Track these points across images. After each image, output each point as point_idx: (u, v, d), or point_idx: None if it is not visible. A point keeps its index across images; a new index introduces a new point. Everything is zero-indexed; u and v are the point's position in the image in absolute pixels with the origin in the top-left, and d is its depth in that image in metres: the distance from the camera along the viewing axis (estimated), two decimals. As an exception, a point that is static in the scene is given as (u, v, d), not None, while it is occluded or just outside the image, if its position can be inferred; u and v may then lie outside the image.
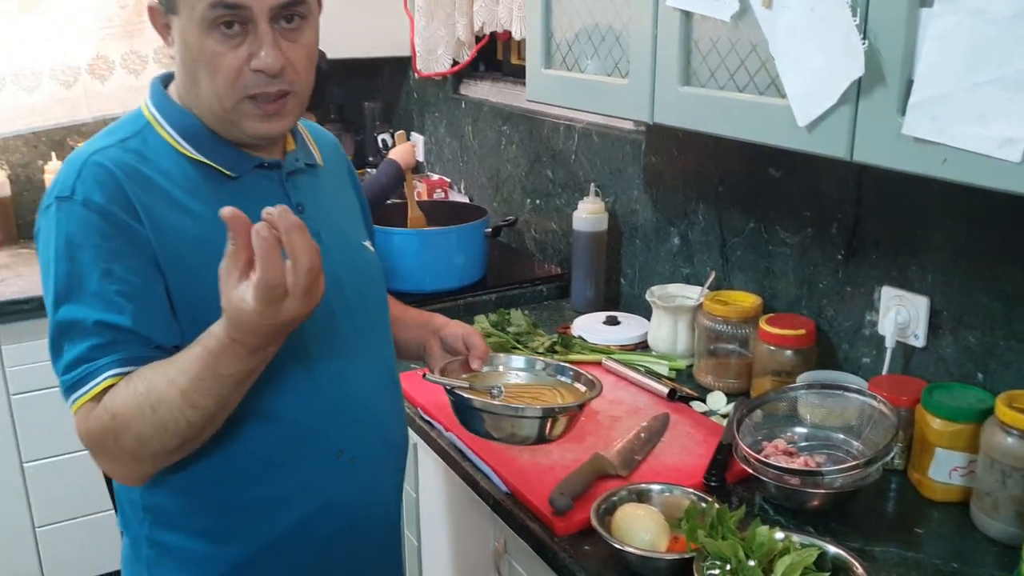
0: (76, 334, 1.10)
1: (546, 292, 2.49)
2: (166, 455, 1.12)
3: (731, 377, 1.86)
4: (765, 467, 1.41)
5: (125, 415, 1.07)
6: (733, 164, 1.96)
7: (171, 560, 1.25)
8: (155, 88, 1.25)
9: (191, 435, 1.09)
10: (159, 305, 1.14)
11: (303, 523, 1.26)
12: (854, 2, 1.18)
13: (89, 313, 1.09)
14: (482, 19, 2.66)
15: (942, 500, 1.45)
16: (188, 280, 1.14)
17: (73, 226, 1.11)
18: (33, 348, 2.58)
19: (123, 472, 1.15)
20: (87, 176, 1.13)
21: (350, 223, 1.42)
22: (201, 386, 1.05)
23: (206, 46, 1.13)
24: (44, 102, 2.98)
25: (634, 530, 1.28)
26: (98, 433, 1.09)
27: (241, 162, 1.23)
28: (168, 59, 3.08)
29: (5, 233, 3.06)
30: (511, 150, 2.82)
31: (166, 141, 1.20)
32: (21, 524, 2.70)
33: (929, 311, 1.59)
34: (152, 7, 1.18)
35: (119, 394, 1.08)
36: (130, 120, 1.23)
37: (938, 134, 1.10)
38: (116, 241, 1.11)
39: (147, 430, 1.07)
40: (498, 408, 1.36)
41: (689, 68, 1.50)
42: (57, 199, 1.13)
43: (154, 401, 1.06)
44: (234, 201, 1.15)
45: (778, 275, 1.89)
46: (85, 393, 1.09)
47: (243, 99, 1.16)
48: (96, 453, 1.13)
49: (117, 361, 1.09)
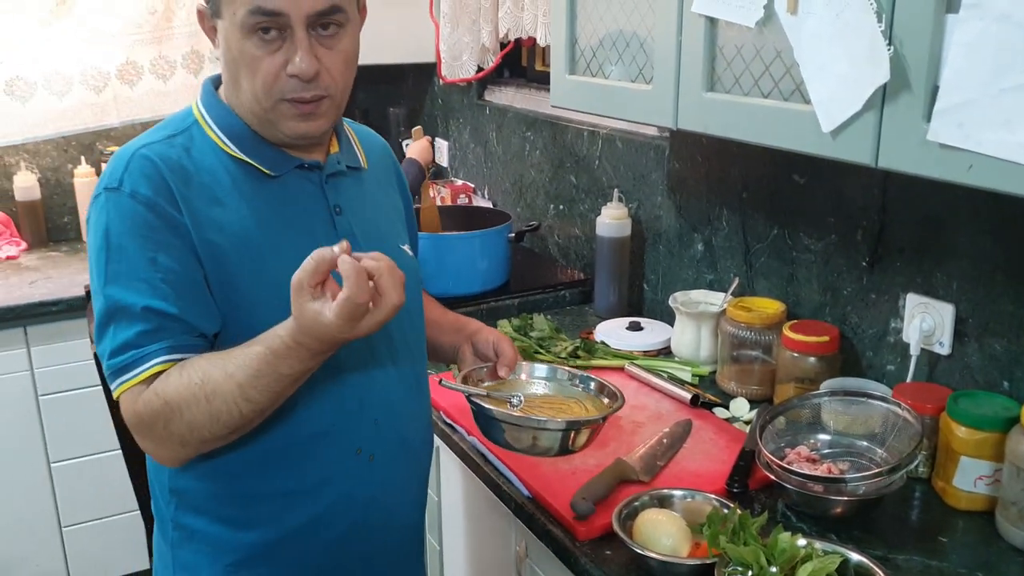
0: (124, 319, 1.14)
1: (569, 297, 2.49)
2: (213, 442, 1.17)
3: (754, 384, 1.85)
4: (788, 473, 1.40)
5: (178, 402, 1.11)
6: (757, 170, 1.96)
7: (193, 542, 1.30)
8: (206, 88, 1.30)
9: (240, 425, 1.14)
10: (201, 294, 1.18)
11: (321, 515, 1.29)
12: (879, 8, 1.17)
13: (137, 299, 1.14)
14: (507, 26, 2.67)
15: (967, 509, 1.44)
16: (224, 273, 1.19)
17: (120, 215, 1.16)
18: (62, 349, 2.62)
19: (166, 454, 1.20)
20: (134, 169, 1.18)
21: (390, 225, 1.43)
22: (259, 383, 1.10)
23: (245, 49, 1.17)
24: (74, 107, 3.02)
25: (656, 535, 1.28)
26: (148, 417, 1.14)
27: (282, 162, 1.27)
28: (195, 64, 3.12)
29: (35, 236, 3.10)
30: (535, 156, 2.82)
31: (211, 139, 1.25)
32: (48, 523, 2.74)
33: (954, 318, 1.58)
34: (201, 10, 1.24)
35: (172, 381, 1.12)
36: (180, 118, 1.29)
37: (964, 140, 1.10)
38: (160, 231, 1.16)
39: (200, 418, 1.12)
40: (518, 419, 1.35)
41: (713, 74, 1.50)
42: (106, 190, 1.18)
43: (209, 392, 1.11)
44: (273, 199, 1.24)
45: (802, 282, 1.89)
46: (133, 377, 1.14)
47: (280, 101, 1.20)
48: (142, 434, 1.17)
49: (165, 348, 1.14)
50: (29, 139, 3.02)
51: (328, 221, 1.30)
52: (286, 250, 1.20)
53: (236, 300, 1.20)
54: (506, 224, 2.50)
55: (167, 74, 3.13)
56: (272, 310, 1.15)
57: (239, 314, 1.20)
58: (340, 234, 1.28)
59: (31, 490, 2.69)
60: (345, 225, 1.31)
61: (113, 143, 3.19)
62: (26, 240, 3.08)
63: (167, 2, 3.04)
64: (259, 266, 1.21)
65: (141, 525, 1.99)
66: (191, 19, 3.09)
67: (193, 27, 3.10)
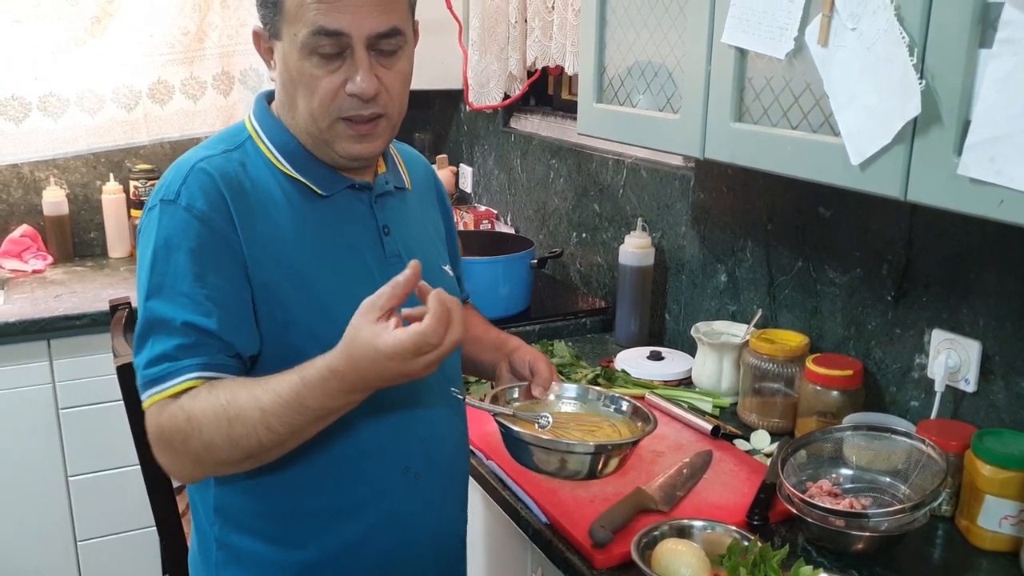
0: (163, 331, 1.15)
1: (589, 325, 2.49)
2: (228, 466, 1.17)
3: (776, 416, 1.84)
4: (809, 507, 1.39)
5: (200, 420, 1.11)
6: (782, 202, 1.96)
7: (239, 563, 1.29)
8: (259, 104, 1.32)
9: (257, 453, 1.13)
10: (245, 314, 1.19)
11: (366, 534, 1.29)
12: (912, 42, 1.17)
13: (178, 313, 1.14)
14: (535, 54, 2.69)
15: (991, 549, 1.42)
16: (272, 291, 1.20)
17: (174, 228, 1.17)
18: (84, 363, 2.63)
19: (180, 471, 1.20)
20: (192, 182, 1.18)
21: (432, 246, 1.44)
22: (282, 411, 1.09)
23: (305, 69, 1.19)
24: (106, 124, 3.06)
25: (675, 565, 1.27)
26: (169, 430, 1.13)
27: (333, 182, 1.28)
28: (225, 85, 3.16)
29: (61, 250, 3.13)
30: (559, 183, 2.83)
31: (265, 156, 1.26)
32: (63, 537, 2.74)
33: (980, 355, 1.56)
34: (257, 32, 1.25)
35: (200, 399, 1.12)
36: (234, 132, 1.30)
37: (995, 175, 1.09)
38: (212, 247, 1.17)
39: (218, 440, 1.11)
40: (546, 442, 1.33)
41: (742, 104, 1.50)
42: (162, 201, 1.19)
43: (232, 415, 1.10)
44: (324, 219, 1.26)
45: (826, 315, 1.88)
46: (164, 390, 1.14)
47: (337, 120, 1.22)
48: (160, 448, 1.17)
49: (199, 365, 1.14)
50: (59, 155, 3.05)
51: (376, 242, 1.31)
52: (335, 270, 1.23)
53: (281, 319, 1.20)
54: (529, 250, 2.50)
55: (197, 94, 3.16)
56: (317, 330, 1.18)
57: (283, 334, 1.20)
58: (388, 255, 1.31)
59: (48, 503, 2.70)
60: (392, 246, 1.32)
61: (142, 160, 3.23)
62: (52, 254, 3.11)
63: (200, 23, 3.08)
64: (307, 286, 1.22)
65: (156, 541, 1.99)
66: (222, 40, 3.13)
67: (224, 48, 3.14)
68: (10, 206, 3.12)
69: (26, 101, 2.94)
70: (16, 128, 2.94)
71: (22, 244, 3.05)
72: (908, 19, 1.18)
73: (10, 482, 2.63)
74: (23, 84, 2.93)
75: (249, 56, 3.18)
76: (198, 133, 3.21)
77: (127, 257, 3.22)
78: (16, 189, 3.12)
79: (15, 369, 2.58)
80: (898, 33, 1.19)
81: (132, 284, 2.85)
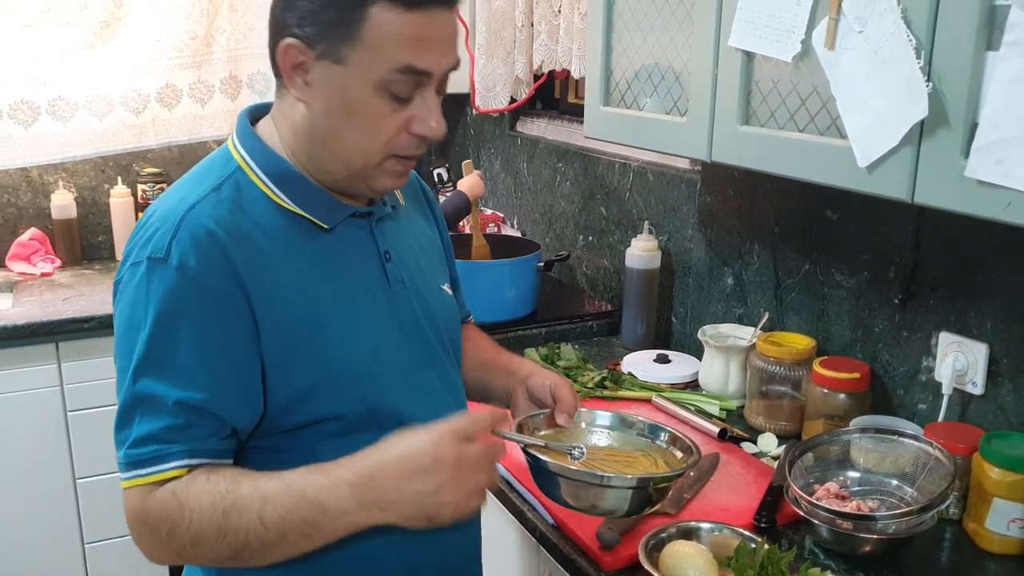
0: (151, 410, 1.05)
1: (596, 328, 2.49)
2: (210, 562, 1.09)
3: (783, 419, 1.84)
4: (817, 510, 1.39)
5: (193, 508, 1.03)
6: (789, 205, 1.96)
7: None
8: (242, 126, 1.19)
9: (241, 552, 1.05)
10: (244, 383, 1.09)
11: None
12: (919, 44, 1.18)
13: (170, 391, 1.04)
14: (541, 58, 2.70)
15: (999, 552, 1.41)
16: (282, 341, 1.10)
17: (166, 292, 1.05)
18: (92, 366, 2.64)
19: (157, 557, 1.09)
20: (183, 238, 1.06)
21: (430, 265, 1.35)
22: (281, 500, 1.02)
23: (371, 105, 1.09)
24: (114, 128, 3.08)
25: (683, 567, 1.27)
26: (155, 517, 1.04)
27: (336, 212, 1.18)
28: (233, 89, 3.16)
29: (70, 254, 3.14)
30: (565, 187, 2.84)
31: (259, 188, 1.15)
32: (71, 539, 2.75)
33: (988, 358, 1.56)
34: (293, 46, 1.08)
35: (196, 485, 1.04)
36: (219, 162, 1.17)
37: (1003, 177, 1.10)
38: (209, 312, 1.06)
39: (209, 532, 1.03)
40: (584, 475, 1.22)
41: (749, 107, 1.50)
42: (149, 259, 1.06)
43: (229, 504, 1.03)
44: (327, 254, 1.16)
45: (832, 318, 1.88)
46: (150, 475, 1.04)
47: (389, 157, 1.13)
48: (142, 532, 1.07)
49: (188, 452, 1.05)
50: (68, 158, 3.07)
51: (379, 270, 1.22)
52: (346, 306, 1.16)
53: (292, 367, 1.11)
54: (535, 253, 2.51)
55: (205, 98, 3.18)
56: (327, 377, 1.12)
57: (294, 381, 1.11)
58: (392, 282, 1.23)
59: (56, 505, 2.71)
60: (395, 272, 1.24)
61: (150, 164, 3.24)
62: (61, 258, 3.12)
63: (208, 28, 3.10)
64: (320, 328, 1.13)
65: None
66: (230, 45, 3.15)
67: (232, 53, 3.16)
68: (19, 209, 3.14)
69: (35, 105, 2.96)
70: (25, 131, 2.96)
71: (31, 247, 3.06)
72: (915, 21, 1.18)
73: (18, 484, 2.65)
74: (32, 88, 2.95)
75: (257, 60, 3.20)
76: (205, 137, 3.23)
77: (135, 260, 3.23)
78: (25, 192, 3.13)
79: (24, 372, 2.60)
80: (905, 36, 1.19)
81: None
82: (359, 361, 1.16)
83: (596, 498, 1.24)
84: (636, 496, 1.23)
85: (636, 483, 1.23)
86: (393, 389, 1.18)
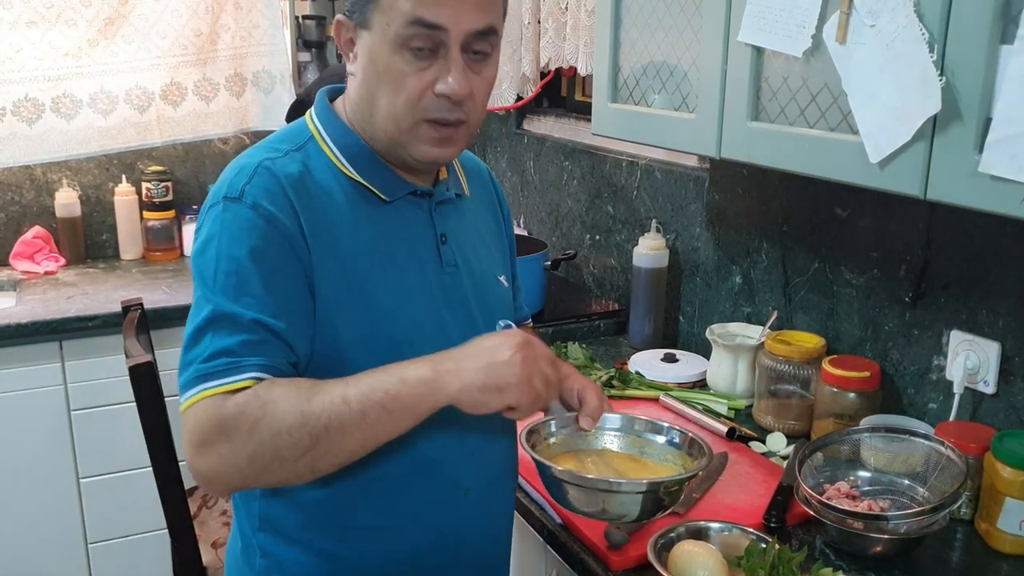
0: (228, 326, 1.09)
1: (603, 327, 2.48)
2: (278, 469, 1.08)
3: (792, 419, 1.82)
4: (828, 510, 1.38)
5: (278, 401, 1.06)
6: (798, 203, 1.94)
7: (282, 572, 1.25)
8: (321, 102, 1.27)
9: (322, 440, 1.06)
10: (306, 316, 1.14)
11: (416, 551, 1.25)
12: (931, 38, 1.16)
13: (246, 311, 1.09)
14: (548, 55, 2.68)
15: (1011, 552, 1.40)
16: (331, 296, 1.15)
17: (240, 226, 1.12)
18: (95, 365, 2.63)
19: (225, 464, 1.08)
20: (257, 181, 1.14)
21: (488, 256, 1.39)
22: (365, 384, 1.08)
23: (393, 64, 1.13)
24: (118, 125, 3.06)
25: (692, 568, 1.26)
26: (234, 417, 1.05)
27: (396, 187, 1.24)
28: (238, 87, 3.16)
29: (74, 252, 3.13)
30: (572, 185, 2.82)
31: (328, 157, 1.22)
32: (74, 538, 2.73)
33: (1000, 357, 1.55)
34: (340, 21, 1.19)
35: (278, 383, 1.08)
36: (295, 131, 1.25)
37: (1018, 172, 1.08)
38: (278, 247, 1.13)
39: (290, 419, 1.05)
40: (591, 481, 1.23)
41: (758, 103, 1.49)
42: (225, 199, 1.14)
43: (313, 391, 1.07)
44: (384, 225, 1.22)
45: (842, 316, 1.86)
46: (222, 385, 1.07)
47: (421, 121, 1.16)
48: (213, 442, 1.07)
49: (262, 365, 1.08)
50: (72, 156, 3.06)
51: (434, 250, 1.27)
52: (394, 278, 1.21)
53: (336, 323, 1.16)
54: (542, 252, 2.49)
55: (210, 96, 3.17)
56: (371, 339, 1.17)
57: (334, 338, 1.16)
58: (445, 264, 1.27)
59: (59, 505, 2.70)
60: (450, 255, 1.28)
61: (154, 162, 3.23)
62: (65, 256, 3.11)
63: (212, 25, 3.09)
64: (366, 294, 1.18)
65: (167, 544, 1.99)
66: (235, 42, 3.14)
67: (236, 50, 3.15)
68: (23, 207, 3.12)
69: (39, 102, 2.94)
70: (29, 129, 2.95)
71: (34, 246, 3.05)
72: (928, 15, 1.17)
73: (21, 484, 2.63)
74: (36, 85, 2.93)
75: (262, 58, 3.18)
76: (210, 135, 3.22)
77: (139, 259, 3.22)
78: (29, 190, 3.12)
79: (27, 370, 2.58)
80: (918, 29, 1.18)
81: (144, 286, 2.86)
82: (401, 328, 1.20)
83: (606, 503, 1.23)
84: (647, 500, 1.23)
85: (647, 487, 1.22)
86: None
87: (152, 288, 2.85)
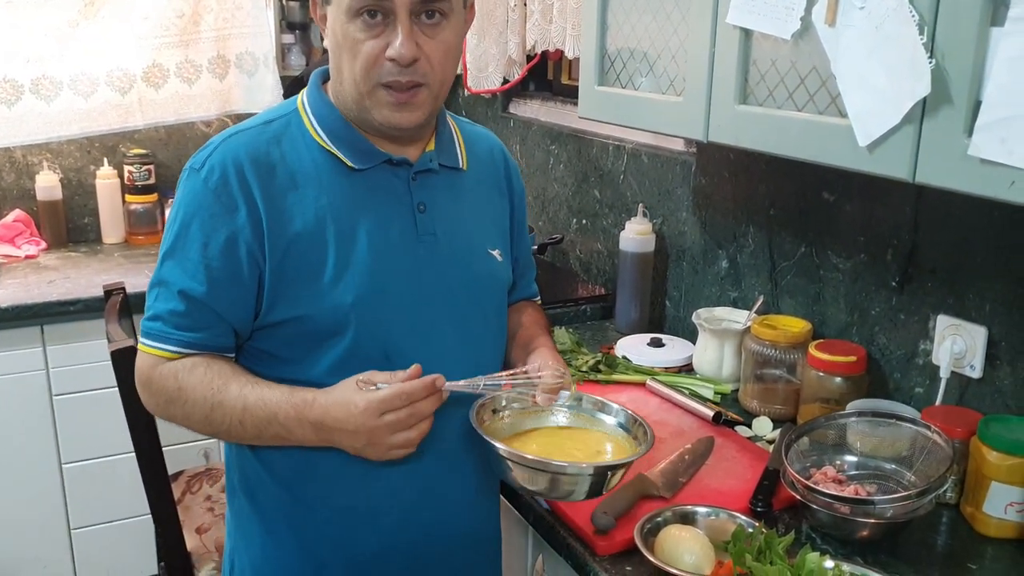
0: (164, 293, 1.25)
1: (589, 312, 2.47)
2: (193, 430, 1.30)
3: (778, 403, 1.82)
4: (814, 494, 1.37)
5: (188, 395, 1.24)
6: (785, 187, 1.94)
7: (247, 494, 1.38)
8: (313, 79, 1.36)
9: (222, 437, 1.29)
10: (239, 286, 1.23)
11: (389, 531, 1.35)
12: (921, 20, 1.15)
13: (178, 279, 1.23)
14: (534, 38, 2.66)
15: (996, 536, 1.40)
16: (292, 260, 1.23)
17: (192, 195, 1.24)
18: (77, 350, 2.61)
19: (150, 408, 1.32)
20: (215, 156, 1.24)
21: (480, 229, 1.42)
22: (258, 415, 1.22)
23: (349, 32, 1.21)
24: (99, 108, 3.02)
25: (679, 552, 1.26)
26: (157, 386, 1.27)
27: (368, 156, 1.30)
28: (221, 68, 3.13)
29: (55, 236, 3.10)
30: (559, 169, 2.81)
31: (306, 128, 1.30)
32: (57, 525, 2.72)
33: (987, 341, 1.55)
34: (313, 1, 1.29)
35: (195, 375, 1.24)
36: (283, 106, 1.35)
37: (1007, 156, 1.08)
38: (219, 219, 1.22)
39: (196, 416, 1.25)
40: (532, 462, 1.25)
41: (747, 86, 1.48)
42: (189, 168, 1.27)
43: (216, 402, 1.23)
44: (353, 191, 1.28)
45: (828, 301, 1.86)
46: (155, 348, 1.26)
47: (377, 86, 1.23)
48: (143, 390, 1.30)
49: (184, 342, 1.24)
50: (53, 138, 3.02)
51: (410, 218, 1.31)
52: (357, 244, 1.26)
53: (300, 283, 1.24)
54: (529, 236, 2.47)
55: (192, 77, 3.13)
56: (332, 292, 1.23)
57: (300, 298, 1.24)
58: (420, 233, 1.31)
59: (41, 491, 2.68)
60: (427, 223, 1.32)
61: (136, 145, 3.20)
62: (46, 240, 3.08)
63: (195, 6, 3.04)
64: (325, 252, 1.24)
65: (151, 530, 1.97)
66: (218, 24, 3.10)
67: (219, 32, 3.11)
68: (2, 191, 3.09)
69: (18, 84, 2.90)
70: (8, 111, 2.90)
71: (15, 229, 3.02)
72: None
73: (3, 470, 2.61)
74: (15, 66, 2.89)
75: (245, 39, 3.14)
76: (193, 117, 3.18)
77: (121, 243, 3.19)
78: (8, 173, 3.09)
79: (8, 355, 2.56)
80: (908, 11, 1.17)
81: (126, 270, 2.85)
82: (352, 291, 1.25)
83: (551, 483, 1.26)
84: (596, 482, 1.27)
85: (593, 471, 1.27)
86: (391, 325, 1.27)
87: (134, 272, 2.82)
